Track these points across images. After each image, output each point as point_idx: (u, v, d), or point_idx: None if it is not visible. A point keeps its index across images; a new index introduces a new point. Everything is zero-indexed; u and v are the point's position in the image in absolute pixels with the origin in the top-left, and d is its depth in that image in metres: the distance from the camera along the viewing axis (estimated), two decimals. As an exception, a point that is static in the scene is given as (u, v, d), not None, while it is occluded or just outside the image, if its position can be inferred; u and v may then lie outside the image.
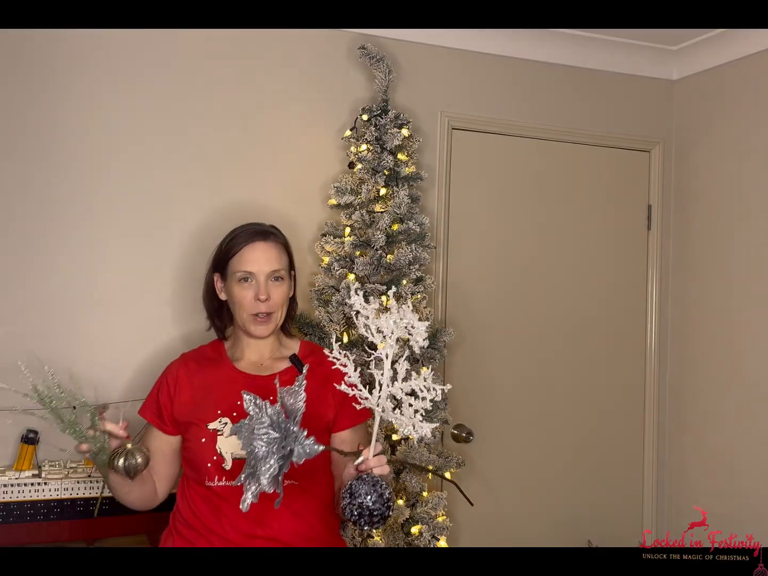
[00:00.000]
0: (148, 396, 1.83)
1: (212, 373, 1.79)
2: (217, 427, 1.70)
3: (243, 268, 1.76)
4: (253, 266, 1.75)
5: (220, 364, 1.81)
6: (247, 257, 1.76)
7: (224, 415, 1.71)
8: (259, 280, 1.75)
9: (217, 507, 1.67)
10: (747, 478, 2.69)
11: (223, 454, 1.68)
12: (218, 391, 1.75)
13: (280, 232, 1.86)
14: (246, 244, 1.77)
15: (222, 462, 1.68)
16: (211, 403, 1.74)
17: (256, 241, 1.78)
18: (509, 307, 2.86)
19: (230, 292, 1.79)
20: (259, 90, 2.50)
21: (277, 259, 1.78)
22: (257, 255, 1.76)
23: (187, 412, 1.75)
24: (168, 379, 1.80)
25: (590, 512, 2.96)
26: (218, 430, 1.70)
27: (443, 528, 2.30)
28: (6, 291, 2.21)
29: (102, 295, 2.30)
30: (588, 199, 2.98)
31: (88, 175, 2.30)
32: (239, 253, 1.77)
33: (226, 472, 1.67)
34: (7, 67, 2.21)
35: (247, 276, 1.75)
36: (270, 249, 1.78)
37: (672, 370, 3.05)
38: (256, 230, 1.81)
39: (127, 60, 2.34)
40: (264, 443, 1.35)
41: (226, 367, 1.80)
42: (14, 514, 2.03)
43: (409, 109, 2.57)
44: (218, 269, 1.83)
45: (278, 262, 1.78)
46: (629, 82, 3.00)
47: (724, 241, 2.82)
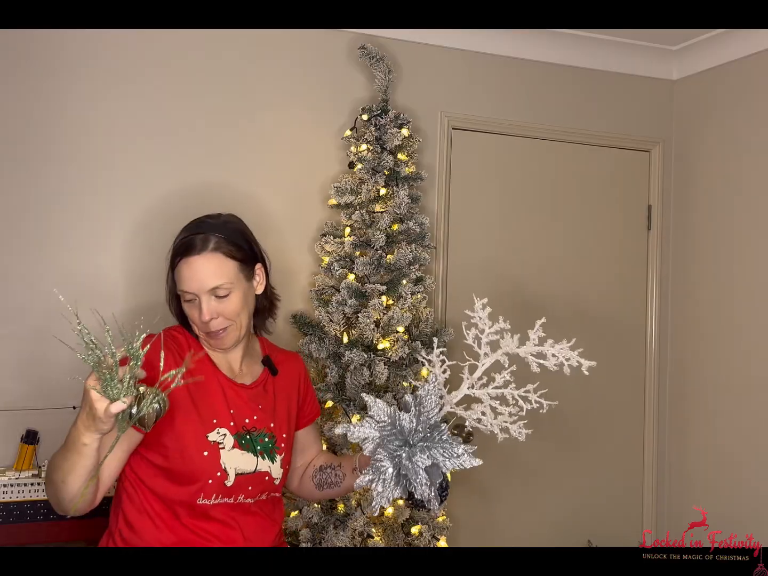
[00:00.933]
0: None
1: (199, 371, 1.56)
2: (217, 440, 1.54)
3: (181, 287, 1.57)
4: (189, 286, 1.55)
5: (205, 366, 1.61)
6: (183, 275, 1.56)
7: (220, 425, 1.55)
8: (201, 299, 1.55)
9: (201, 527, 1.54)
10: (747, 478, 2.69)
11: (227, 469, 1.53)
12: (211, 397, 1.58)
13: (228, 230, 1.60)
14: (180, 258, 1.56)
15: (225, 478, 1.53)
16: (206, 410, 1.56)
17: (190, 255, 1.55)
18: (509, 306, 2.86)
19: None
20: (259, 90, 2.50)
21: (215, 275, 1.54)
22: (192, 273, 1.54)
23: (180, 417, 1.53)
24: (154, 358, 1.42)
25: (590, 512, 2.96)
26: (219, 443, 1.54)
27: (443, 528, 2.30)
28: (6, 289, 2.21)
29: (104, 292, 2.30)
30: (588, 199, 2.98)
31: (89, 174, 2.30)
32: (177, 270, 1.57)
33: (225, 489, 1.54)
34: (7, 67, 2.22)
35: (189, 295, 1.56)
36: (206, 263, 1.54)
37: (672, 370, 3.05)
38: (190, 241, 1.56)
39: (127, 60, 2.34)
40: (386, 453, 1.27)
41: (213, 371, 1.62)
42: (14, 514, 2.03)
43: (409, 109, 2.57)
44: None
45: (216, 277, 1.54)
46: (629, 82, 3.01)
47: (724, 240, 2.82)
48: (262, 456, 1.59)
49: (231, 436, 1.56)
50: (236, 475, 1.55)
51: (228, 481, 1.54)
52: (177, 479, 1.52)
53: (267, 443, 1.61)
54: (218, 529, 1.55)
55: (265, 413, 1.64)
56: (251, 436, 1.59)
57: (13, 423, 2.17)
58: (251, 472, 1.57)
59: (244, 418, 1.60)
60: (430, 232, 2.45)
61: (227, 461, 1.54)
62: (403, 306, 2.32)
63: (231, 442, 1.56)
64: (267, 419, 1.64)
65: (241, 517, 1.58)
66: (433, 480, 1.28)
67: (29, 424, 2.17)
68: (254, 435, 1.60)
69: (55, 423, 2.21)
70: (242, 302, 1.59)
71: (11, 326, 2.21)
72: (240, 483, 1.56)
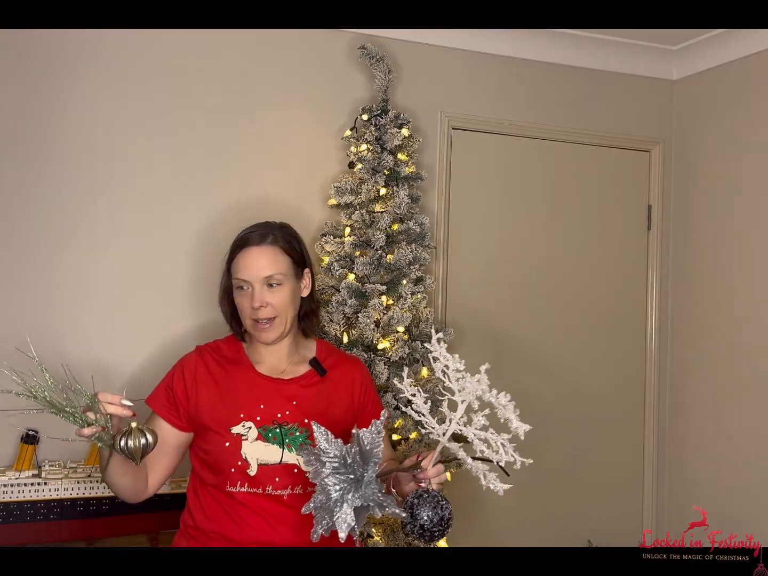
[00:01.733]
0: (159, 386, 1.75)
1: (233, 374, 1.74)
2: (241, 432, 1.65)
3: (236, 275, 1.71)
4: (244, 274, 1.70)
5: (241, 365, 1.76)
6: (240, 264, 1.71)
7: (247, 419, 1.66)
8: (254, 287, 1.69)
9: (237, 513, 1.64)
10: (747, 478, 2.69)
11: (248, 459, 1.63)
12: (240, 393, 1.70)
13: (284, 232, 1.78)
14: (239, 250, 1.72)
15: (247, 467, 1.63)
16: (234, 405, 1.69)
17: (249, 246, 1.72)
18: (509, 306, 2.86)
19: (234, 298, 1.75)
20: (259, 90, 2.50)
21: (269, 265, 1.70)
22: (249, 262, 1.70)
23: (208, 412, 1.69)
24: (185, 372, 1.73)
25: (590, 512, 2.96)
26: (242, 435, 1.65)
27: (443, 528, 2.29)
28: (6, 289, 2.21)
29: (104, 293, 2.30)
30: (588, 199, 2.98)
31: (90, 174, 2.30)
32: (235, 260, 1.73)
33: (250, 478, 1.63)
34: (7, 67, 2.21)
35: (243, 283, 1.71)
36: (263, 254, 1.71)
37: (672, 370, 3.05)
38: (252, 234, 1.74)
39: (127, 60, 2.34)
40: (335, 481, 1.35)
41: (247, 368, 1.75)
42: (14, 514, 2.03)
43: (409, 109, 2.57)
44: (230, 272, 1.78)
45: (271, 267, 1.70)
46: (629, 82, 3.00)
47: (724, 240, 2.82)
48: (289, 449, 1.66)
49: (256, 429, 1.66)
50: (259, 465, 1.64)
51: (251, 470, 1.63)
52: (210, 468, 1.67)
53: (297, 437, 1.68)
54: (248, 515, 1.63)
55: (299, 409, 1.71)
56: (282, 429, 1.67)
57: (13, 423, 2.17)
58: (276, 464, 1.65)
59: (275, 413, 1.69)
60: (430, 232, 2.45)
61: (248, 452, 1.64)
62: (403, 306, 2.32)
63: (255, 434, 1.66)
64: (301, 415, 1.70)
65: (274, 509, 1.64)
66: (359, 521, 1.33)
67: (29, 424, 2.17)
68: (285, 429, 1.68)
69: (55, 423, 2.20)
70: (291, 297, 1.73)
71: (11, 326, 2.20)
72: (265, 473, 1.64)
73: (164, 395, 1.72)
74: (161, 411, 1.71)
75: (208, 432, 1.67)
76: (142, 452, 1.41)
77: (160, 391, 1.74)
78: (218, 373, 1.74)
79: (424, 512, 1.41)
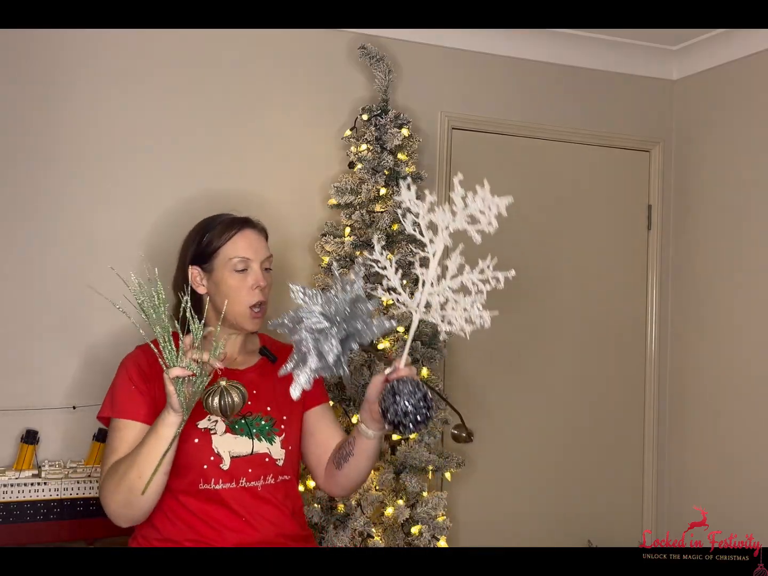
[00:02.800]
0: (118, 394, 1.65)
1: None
2: (209, 426, 1.62)
3: (240, 254, 1.69)
4: (249, 252, 1.70)
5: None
6: (242, 244, 1.70)
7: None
8: (254, 268, 1.70)
9: (211, 517, 1.59)
10: (747, 478, 2.69)
11: (220, 453, 1.61)
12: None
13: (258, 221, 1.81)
14: (237, 231, 1.72)
15: (220, 462, 1.60)
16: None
17: (246, 228, 1.73)
18: (509, 305, 2.86)
19: (220, 284, 1.69)
20: (259, 90, 2.50)
21: (266, 247, 1.76)
22: (251, 241, 1.72)
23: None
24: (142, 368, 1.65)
25: (590, 512, 2.96)
26: (210, 429, 1.62)
27: (443, 528, 2.30)
28: (6, 291, 2.21)
29: (103, 293, 2.30)
30: (588, 199, 2.98)
31: (89, 175, 2.29)
32: (231, 241, 1.70)
33: (224, 473, 1.60)
34: (7, 66, 2.21)
35: (244, 264, 1.69)
36: (260, 237, 1.76)
37: (672, 371, 3.04)
38: (242, 218, 1.76)
39: (127, 60, 2.34)
40: (316, 332, 1.34)
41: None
42: (14, 514, 2.03)
43: (409, 109, 2.56)
44: (197, 262, 1.73)
45: (268, 249, 1.76)
46: (629, 82, 3.00)
47: (725, 240, 2.82)
48: (258, 438, 1.65)
49: (222, 422, 1.63)
50: (232, 458, 1.62)
51: (224, 464, 1.61)
52: (176, 470, 1.57)
53: (264, 426, 1.67)
54: (225, 515, 1.59)
55: (260, 398, 1.69)
56: (246, 420, 1.65)
57: (13, 423, 2.17)
58: (248, 455, 1.63)
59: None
60: (430, 232, 2.45)
61: (219, 445, 1.61)
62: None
63: (223, 427, 1.63)
64: (262, 404, 1.69)
65: (251, 503, 1.61)
66: (345, 350, 1.36)
67: (29, 424, 2.17)
68: (250, 419, 1.66)
69: (55, 423, 2.21)
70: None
71: (11, 326, 2.20)
72: (238, 465, 1.62)
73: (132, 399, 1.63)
74: (138, 416, 1.61)
75: None
76: (230, 410, 1.41)
77: (122, 397, 1.64)
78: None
79: (406, 390, 1.41)
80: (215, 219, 1.77)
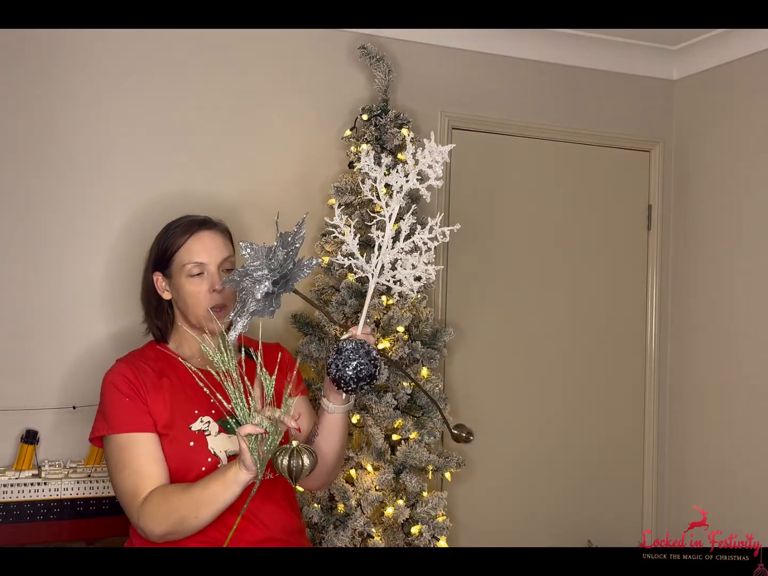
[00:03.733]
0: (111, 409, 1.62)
1: (171, 374, 1.68)
2: (202, 428, 1.62)
3: (193, 259, 1.65)
4: (203, 256, 1.65)
5: (174, 365, 1.68)
6: (195, 248, 1.66)
7: (203, 414, 1.63)
8: (211, 270, 1.66)
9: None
10: (747, 478, 2.69)
11: (217, 453, 1.61)
12: (188, 391, 1.65)
13: (219, 221, 1.77)
14: (190, 235, 1.67)
15: (218, 462, 1.61)
16: (186, 404, 1.64)
17: (201, 230, 1.68)
18: (509, 305, 2.86)
19: (179, 289, 1.68)
20: (259, 90, 2.50)
21: (225, 247, 1.70)
22: (205, 244, 1.67)
23: (161, 417, 1.62)
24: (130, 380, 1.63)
25: (590, 512, 2.96)
26: (204, 431, 1.62)
27: (443, 528, 2.30)
28: (6, 291, 2.21)
29: (104, 293, 2.30)
30: (588, 199, 2.98)
31: (89, 174, 2.29)
32: (185, 246, 1.67)
33: None
34: (7, 66, 2.21)
35: (199, 268, 1.65)
36: (217, 237, 1.70)
37: (672, 370, 3.05)
38: (195, 220, 1.71)
39: (127, 60, 2.34)
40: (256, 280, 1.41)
41: (181, 367, 1.65)
42: (14, 514, 2.03)
43: (409, 109, 2.56)
44: (159, 268, 1.72)
45: (226, 249, 1.70)
46: (629, 82, 3.00)
47: (724, 240, 2.82)
48: None
49: (215, 423, 1.63)
50: (229, 457, 1.62)
51: (222, 464, 1.60)
52: (176, 473, 1.59)
53: None
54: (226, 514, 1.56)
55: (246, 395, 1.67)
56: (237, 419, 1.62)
57: (13, 423, 2.17)
58: None
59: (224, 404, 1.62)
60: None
61: (215, 446, 1.61)
62: (403, 306, 2.32)
63: (216, 428, 1.63)
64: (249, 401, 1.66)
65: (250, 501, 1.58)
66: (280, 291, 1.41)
67: (29, 424, 2.17)
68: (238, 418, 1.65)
69: (55, 423, 2.21)
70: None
71: (11, 326, 2.20)
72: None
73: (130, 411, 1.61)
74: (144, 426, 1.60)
75: (165, 437, 1.61)
76: (298, 474, 1.36)
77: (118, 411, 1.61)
78: (155, 377, 1.66)
79: (350, 346, 1.46)
80: (174, 222, 1.74)
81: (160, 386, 1.66)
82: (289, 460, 1.35)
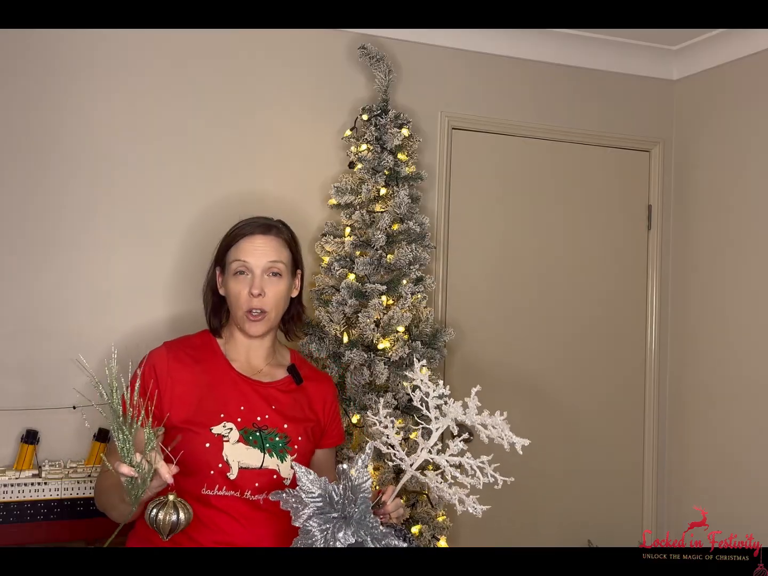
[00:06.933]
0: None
1: (210, 370, 1.68)
2: (222, 432, 1.60)
3: (238, 257, 1.69)
4: (248, 256, 1.68)
5: (217, 361, 1.70)
6: (243, 248, 1.70)
7: (228, 419, 1.61)
8: (255, 273, 1.68)
9: (209, 517, 1.57)
10: (747, 478, 2.69)
11: (229, 462, 1.58)
12: (219, 392, 1.65)
13: (286, 228, 1.79)
14: (245, 236, 1.71)
15: (227, 470, 1.58)
16: (213, 404, 1.63)
17: (256, 233, 1.71)
18: (509, 306, 2.86)
19: (227, 287, 1.72)
20: (259, 90, 2.50)
21: (275, 251, 1.71)
22: (254, 246, 1.69)
23: (185, 410, 1.61)
24: (157, 369, 1.63)
25: (590, 512, 2.96)
26: (223, 436, 1.60)
27: (443, 528, 2.30)
28: (6, 291, 2.21)
29: (106, 292, 2.30)
30: (588, 199, 2.98)
31: (91, 175, 2.30)
32: (237, 245, 1.71)
33: (229, 482, 1.58)
34: (7, 67, 2.21)
35: (243, 268, 1.68)
36: (269, 242, 1.71)
37: (672, 370, 3.05)
38: (258, 223, 1.74)
39: (127, 61, 2.34)
40: (319, 522, 1.29)
41: (223, 366, 1.69)
42: (14, 514, 2.03)
43: (409, 109, 2.57)
44: (218, 263, 1.77)
45: (276, 254, 1.71)
46: (629, 82, 3.00)
47: (724, 240, 2.82)
48: (270, 454, 1.62)
49: (237, 431, 1.61)
50: (240, 469, 1.59)
51: (231, 473, 1.58)
52: (183, 469, 1.54)
53: (277, 442, 1.64)
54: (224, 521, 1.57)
55: (279, 414, 1.67)
56: (261, 433, 1.63)
57: (13, 423, 2.17)
58: (257, 468, 1.60)
59: (255, 416, 1.64)
60: (430, 232, 2.45)
61: (230, 454, 1.59)
62: (403, 306, 2.32)
63: (236, 436, 1.61)
64: (280, 420, 1.67)
65: (251, 514, 1.59)
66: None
67: (29, 424, 2.17)
68: (265, 433, 1.63)
69: (55, 423, 2.21)
70: (284, 293, 1.72)
71: (11, 326, 2.20)
72: (245, 477, 1.59)
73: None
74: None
75: (184, 431, 1.60)
76: (170, 529, 1.31)
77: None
78: (193, 368, 1.67)
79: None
80: (243, 221, 1.77)
81: (192, 377, 1.65)
82: (163, 514, 1.29)
